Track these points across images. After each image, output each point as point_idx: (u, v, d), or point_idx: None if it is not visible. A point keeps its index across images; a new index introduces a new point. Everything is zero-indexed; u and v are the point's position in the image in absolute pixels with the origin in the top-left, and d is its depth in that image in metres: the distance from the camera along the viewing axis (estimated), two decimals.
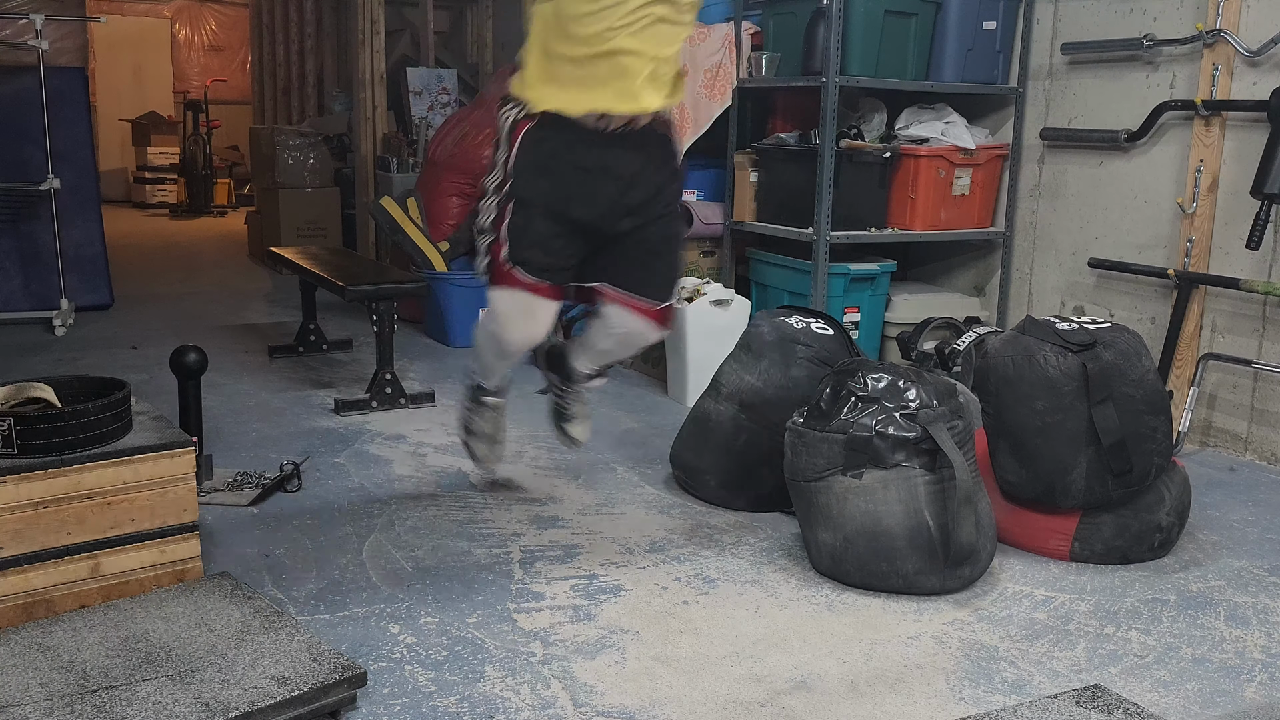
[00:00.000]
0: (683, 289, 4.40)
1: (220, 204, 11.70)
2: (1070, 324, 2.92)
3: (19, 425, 2.31)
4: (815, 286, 4.18)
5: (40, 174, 5.50)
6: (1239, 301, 3.87)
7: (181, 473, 2.52)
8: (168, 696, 1.96)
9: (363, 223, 7.25)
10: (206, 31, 13.98)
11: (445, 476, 3.49)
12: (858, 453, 2.66)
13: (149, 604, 2.33)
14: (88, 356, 5.02)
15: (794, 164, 4.34)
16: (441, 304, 5.36)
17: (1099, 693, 2.12)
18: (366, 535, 3.00)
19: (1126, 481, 2.84)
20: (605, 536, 3.03)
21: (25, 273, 5.77)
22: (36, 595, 2.36)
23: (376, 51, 7.05)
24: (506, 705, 2.15)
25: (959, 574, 2.68)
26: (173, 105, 12.68)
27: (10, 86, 5.74)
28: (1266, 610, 2.67)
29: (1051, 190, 4.51)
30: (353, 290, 4.17)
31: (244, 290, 6.99)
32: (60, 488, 2.36)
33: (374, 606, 2.57)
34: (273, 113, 10.07)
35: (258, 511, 3.15)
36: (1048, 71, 4.47)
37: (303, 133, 7.72)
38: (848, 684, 2.27)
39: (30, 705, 1.92)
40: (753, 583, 2.76)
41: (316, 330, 5.18)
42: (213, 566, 2.71)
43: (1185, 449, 3.92)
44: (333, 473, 3.49)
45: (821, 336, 3.27)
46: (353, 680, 2.08)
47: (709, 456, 3.28)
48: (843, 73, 4.16)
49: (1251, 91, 3.75)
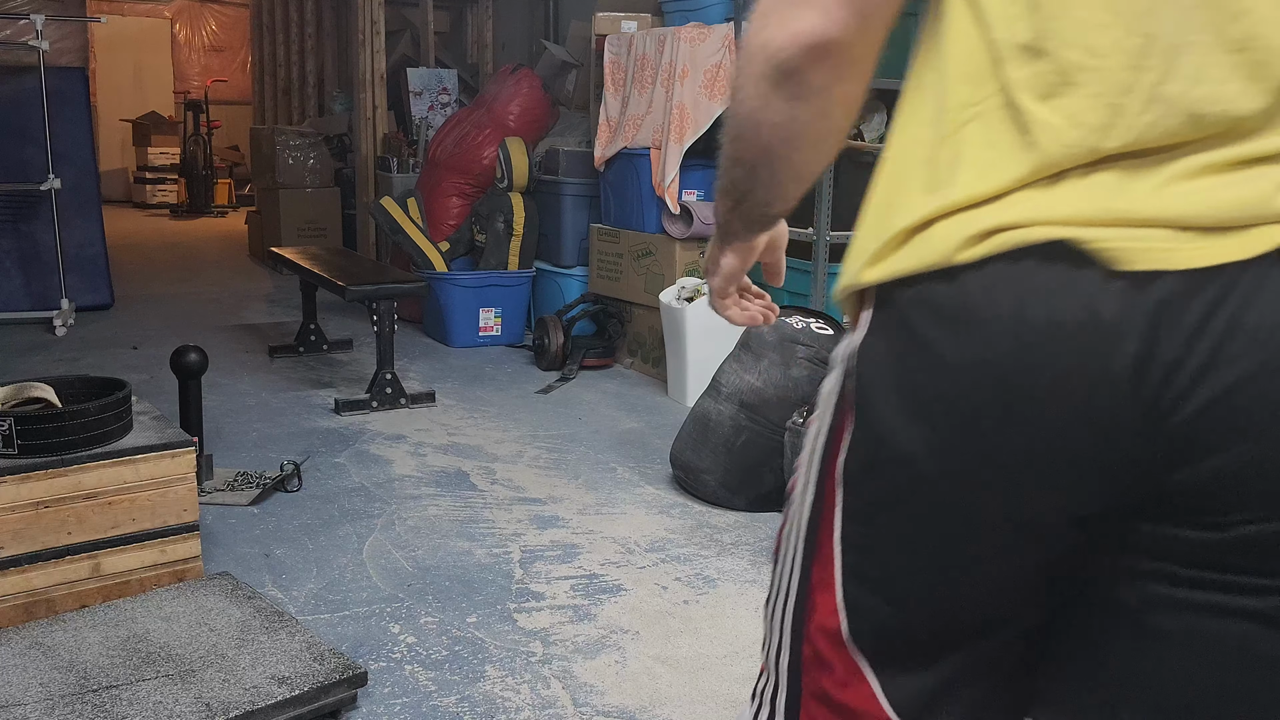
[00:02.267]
0: (683, 289, 4.41)
1: (220, 204, 11.70)
2: None
3: (19, 425, 2.32)
4: (815, 286, 4.19)
5: (40, 174, 5.50)
6: None
7: (182, 472, 2.52)
8: (168, 696, 1.96)
9: (363, 223, 7.25)
10: (207, 31, 13.98)
11: (445, 476, 3.49)
12: None
13: (149, 604, 2.33)
14: (88, 356, 5.02)
15: None
16: (441, 304, 5.36)
17: None
18: (366, 535, 3.00)
19: None
20: (605, 536, 3.03)
21: (25, 273, 5.77)
22: (37, 595, 2.36)
23: (376, 51, 7.05)
24: (506, 705, 2.15)
25: None
26: (173, 105, 12.68)
27: (10, 86, 5.74)
28: None
29: None
30: (353, 290, 4.17)
31: (244, 290, 6.99)
32: (61, 488, 2.36)
33: (374, 606, 2.57)
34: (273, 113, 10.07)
35: (258, 511, 3.15)
36: None
37: (303, 133, 7.73)
38: None
39: (30, 705, 1.93)
40: (753, 583, 2.76)
41: (317, 330, 5.18)
42: (213, 566, 2.71)
43: None
44: (333, 473, 3.50)
45: (821, 336, 3.28)
46: (353, 680, 2.09)
47: (709, 456, 3.28)
48: None
49: None
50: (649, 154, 4.72)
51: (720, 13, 4.79)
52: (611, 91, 5.05)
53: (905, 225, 0.81)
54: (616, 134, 4.96)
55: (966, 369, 0.77)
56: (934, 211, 0.80)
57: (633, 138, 4.83)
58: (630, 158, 4.84)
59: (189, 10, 13.80)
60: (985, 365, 0.76)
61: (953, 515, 0.82)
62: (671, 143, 4.58)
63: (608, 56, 5.08)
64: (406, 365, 4.89)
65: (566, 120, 5.83)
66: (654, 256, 4.79)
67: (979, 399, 0.77)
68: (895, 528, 0.86)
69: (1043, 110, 0.76)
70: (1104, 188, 0.75)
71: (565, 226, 5.33)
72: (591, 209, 5.28)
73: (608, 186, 5.07)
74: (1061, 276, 0.74)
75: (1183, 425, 0.73)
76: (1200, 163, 0.74)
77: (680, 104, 4.57)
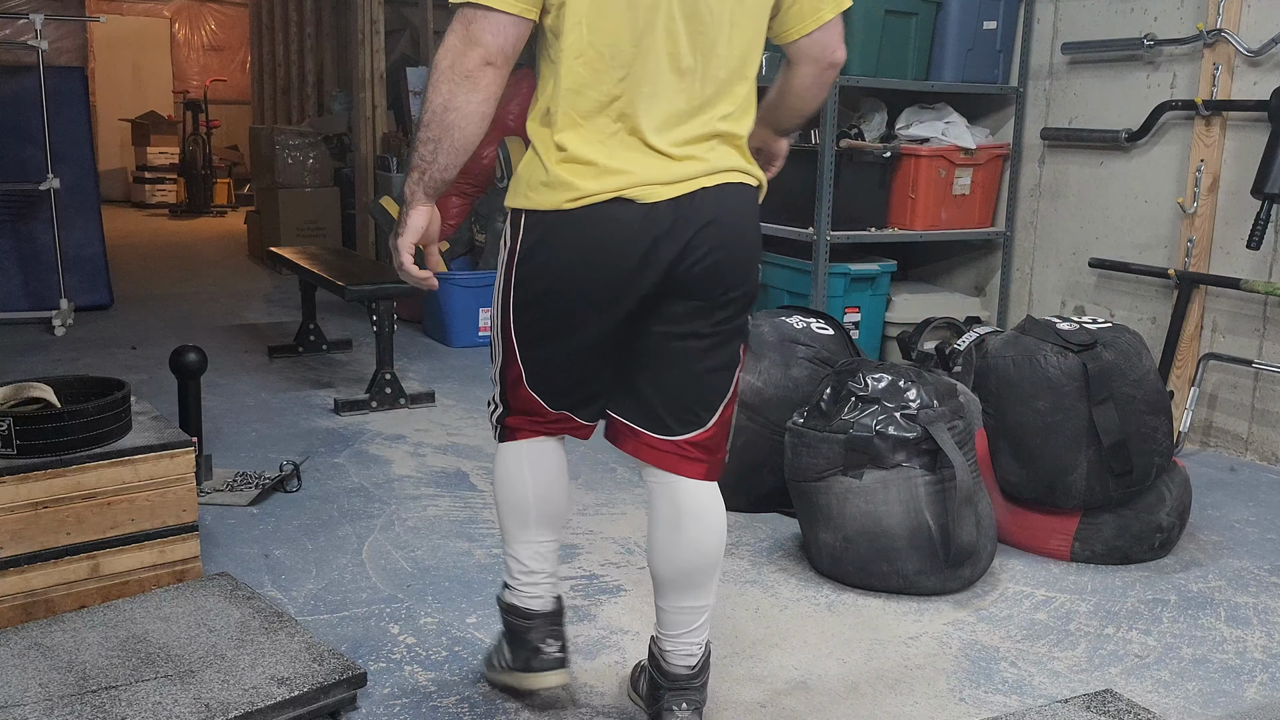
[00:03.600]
0: None
1: (220, 204, 11.70)
2: (1071, 324, 2.92)
3: (19, 425, 2.31)
4: (815, 286, 4.18)
5: (40, 174, 5.49)
6: (1239, 301, 3.86)
7: (181, 473, 2.52)
8: (167, 697, 1.96)
9: (362, 223, 7.24)
10: (206, 31, 13.97)
11: (445, 477, 3.48)
12: (858, 453, 2.65)
13: (149, 604, 2.32)
14: (87, 356, 5.02)
15: (794, 164, 4.32)
16: (441, 304, 5.36)
17: (1110, 697, 2.12)
18: (366, 535, 2.99)
19: (1127, 482, 2.84)
20: (605, 536, 3.03)
21: (25, 273, 5.77)
22: (36, 595, 2.36)
23: (376, 51, 7.04)
24: (506, 705, 2.14)
25: (959, 574, 2.68)
26: (172, 105, 12.67)
27: (10, 86, 5.73)
28: (1267, 610, 2.66)
29: (1052, 190, 4.51)
30: (352, 290, 4.17)
31: (244, 290, 6.99)
32: (60, 488, 2.35)
33: (374, 606, 2.56)
34: (272, 112, 10.07)
35: (257, 511, 3.15)
36: (1048, 71, 4.47)
37: (302, 132, 7.72)
38: (848, 684, 2.26)
39: (30, 705, 1.92)
40: (753, 583, 2.75)
41: (316, 330, 5.18)
42: (213, 566, 2.70)
43: (1186, 449, 3.92)
44: (333, 473, 3.49)
45: (822, 336, 3.27)
46: (353, 680, 2.08)
47: None
48: (843, 72, 4.15)
49: (1252, 91, 3.75)
50: None
51: None
52: None
53: (541, 180, 1.77)
54: None
55: (578, 244, 1.76)
56: (565, 177, 1.76)
57: None
58: None
59: (188, 10, 13.79)
60: (586, 241, 1.75)
61: (569, 316, 1.82)
62: None
63: None
64: (406, 365, 4.88)
65: None
66: None
67: (582, 258, 1.76)
68: (540, 326, 1.86)
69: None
70: (627, 172, 1.75)
71: None
72: None
73: None
74: (620, 207, 1.73)
75: (673, 258, 1.75)
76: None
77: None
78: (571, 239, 1.76)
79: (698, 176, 1.76)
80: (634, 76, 1.71)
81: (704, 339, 1.83)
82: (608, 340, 1.84)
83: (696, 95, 1.75)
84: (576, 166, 1.73)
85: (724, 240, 1.77)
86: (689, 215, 1.75)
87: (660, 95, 1.73)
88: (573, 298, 1.79)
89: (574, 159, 1.73)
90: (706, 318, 1.82)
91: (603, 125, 1.73)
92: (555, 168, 1.74)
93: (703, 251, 1.76)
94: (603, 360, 1.87)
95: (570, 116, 1.73)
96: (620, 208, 1.73)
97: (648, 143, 1.74)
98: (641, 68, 1.71)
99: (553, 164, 1.74)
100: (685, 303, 1.80)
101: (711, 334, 1.83)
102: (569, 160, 1.73)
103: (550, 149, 1.75)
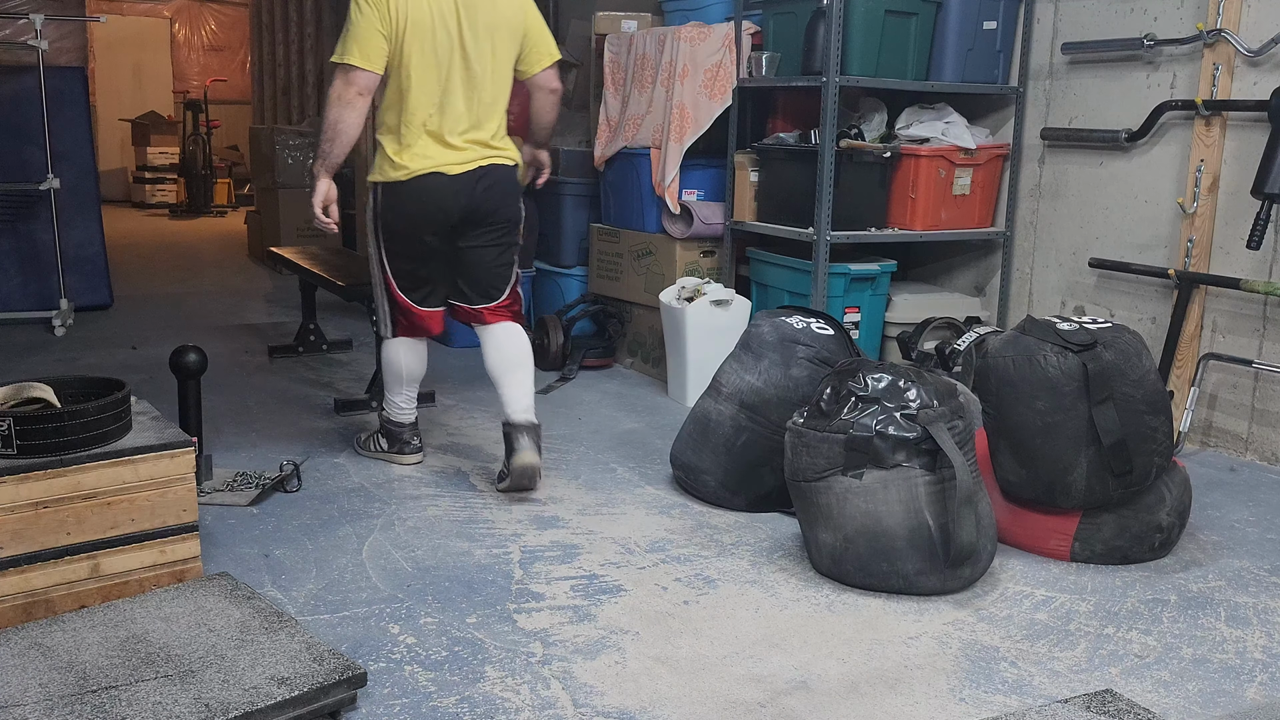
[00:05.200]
0: (683, 289, 4.40)
1: (220, 204, 11.70)
2: (1071, 324, 2.91)
3: (19, 425, 2.31)
4: (815, 286, 4.18)
5: (40, 174, 5.50)
6: (1239, 301, 3.86)
7: (181, 473, 2.52)
8: (167, 697, 1.96)
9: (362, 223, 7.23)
10: (206, 31, 13.98)
11: (445, 477, 3.49)
12: (858, 453, 2.65)
13: (149, 604, 2.32)
14: (87, 356, 5.02)
15: (794, 164, 4.34)
16: None
17: (1110, 697, 2.12)
18: (366, 535, 2.99)
19: (1127, 482, 2.84)
20: (605, 536, 3.03)
21: (25, 273, 5.77)
22: (36, 595, 2.36)
23: None
24: (506, 705, 2.14)
25: (959, 574, 2.68)
26: (172, 105, 12.68)
27: (10, 86, 5.74)
28: (1267, 610, 2.67)
29: (1052, 190, 4.51)
30: (352, 290, 4.17)
31: (244, 290, 6.99)
32: (60, 488, 2.35)
33: (374, 606, 2.56)
34: (272, 112, 10.07)
35: (258, 511, 3.15)
36: (1048, 71, 4.47)
37: (303, 132, 7.72)
38: (848, 684, 2.26)
39: (30, 705, 1.92)
40: (753, 583, 2.75)
41: (316, 330, 5.18)
42: (213, 566, 2.71)
43: (1186, 449, 3.92)
44: (333, 473, 3.49)
45: (822, 336, 3.27)
46: (353, 680, 2.08)
47: (709, 456, 3.27)
48: (843, 72, 4.16)
49: (1252, 91, 3.75)
50: (649, 153, 4.72)
51: (720, 12, 4.79)
52: (611, 91, 5.05)
53: (390, 165, 3.24)
54: (616, 133, 4.96)
55: (414, 199, 3.24)
56: (404, 163, 3.23)
57: (633, 137, 4.83)
58: (630, 157, 4.84)
59: (188, 10, 13.80)
60: (418, 198, 3.24)
61: (412, 239, 3.29)
62: (671, 142, 4.58)
63: (608, 56, 5.07)
64: None
65: (566, 120, 5.82)
66: (654, 256, 4.78)
67: (418, 207, 3.24)
68: (396, 248, 3.32)
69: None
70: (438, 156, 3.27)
71: (565, 226, 5.32)
72: (591, 208, 5.27)
73: (607, 186, 5.07)
74: (435, 178, 3.22)
75: (465, 203, 3.25)
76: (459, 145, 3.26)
77: (680, 103, 4.57)
78: (410, 197, 3.22)
79: (477, 160, 3.24)
80: (440, 105, 3.18)
81: (491, 248, 3.33)
82: (437, 254, 3.31)
83: (474, 115, 3.22)
84: (409, 155, 3.19)
85: (492, 192, 3.26)
86: (473, 180, 3.23)
87: (454, 115, 3.20)
88: (415, 230, 3.25)
89: (408, 151, 3.20)
90: (490, 235, 3.32)
91: (423, 132, 3.19)
92: (397, 157, 3.20)
93: (482, 199, 3.25)
94: (436, 265, 3.34)
95: (408, 127, 3.18)
96: (435, 178, 3.20)
97: (448, 142, 3.20)
98: (444, 101, 3.18)
99: (396, 155, 3.20)
100: (476, 228, 3.29)
101: (495, 244, 3.34)
102: (404, 152, 3.20)
103: (396, 147, 3.21)
